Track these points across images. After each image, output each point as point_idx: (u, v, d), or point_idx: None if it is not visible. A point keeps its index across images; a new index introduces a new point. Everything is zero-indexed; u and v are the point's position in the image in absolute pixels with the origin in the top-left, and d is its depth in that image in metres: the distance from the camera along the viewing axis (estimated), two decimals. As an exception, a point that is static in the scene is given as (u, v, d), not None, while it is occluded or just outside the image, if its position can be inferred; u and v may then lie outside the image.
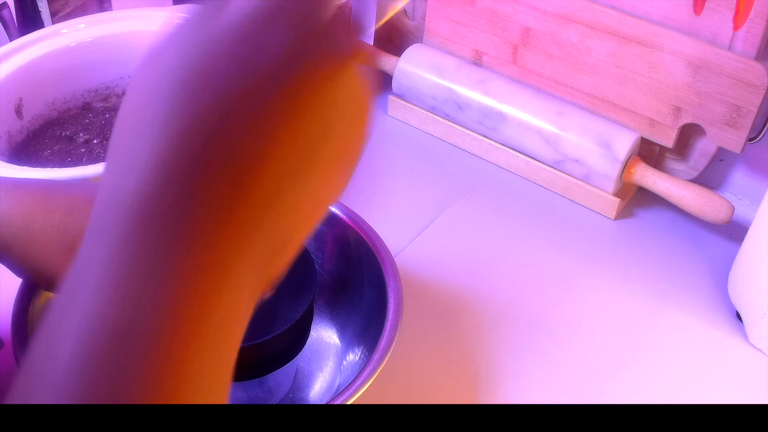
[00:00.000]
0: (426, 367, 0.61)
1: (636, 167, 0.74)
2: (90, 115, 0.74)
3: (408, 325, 0.62)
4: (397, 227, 0.73)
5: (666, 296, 0.69)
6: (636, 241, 0.74)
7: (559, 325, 0.66)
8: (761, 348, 0.65)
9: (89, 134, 0.72)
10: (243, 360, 0.50)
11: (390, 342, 0.51)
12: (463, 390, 0.60)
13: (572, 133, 0.75)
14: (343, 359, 0.58)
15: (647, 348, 0.64)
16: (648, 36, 0.71)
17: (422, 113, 0.84)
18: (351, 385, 0.48)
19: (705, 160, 0.75)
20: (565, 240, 0.74)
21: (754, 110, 0.69)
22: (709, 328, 0.66)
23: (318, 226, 0.62)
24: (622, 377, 0.62)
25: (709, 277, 0.71)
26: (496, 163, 0.81)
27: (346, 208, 0.60)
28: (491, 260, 0.71)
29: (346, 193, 0.84)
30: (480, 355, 0.63)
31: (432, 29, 0.85)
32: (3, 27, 0.79)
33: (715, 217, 0.71)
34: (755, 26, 0.67)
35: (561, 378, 0.62)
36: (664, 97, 0.73)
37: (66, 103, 0.74)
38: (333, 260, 0.61)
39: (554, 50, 0.77)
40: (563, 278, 0.70)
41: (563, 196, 0.78)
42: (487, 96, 0.79)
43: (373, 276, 0.56)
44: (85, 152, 0.70)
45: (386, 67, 0.87)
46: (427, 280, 0.68)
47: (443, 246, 0.72)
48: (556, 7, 0.75)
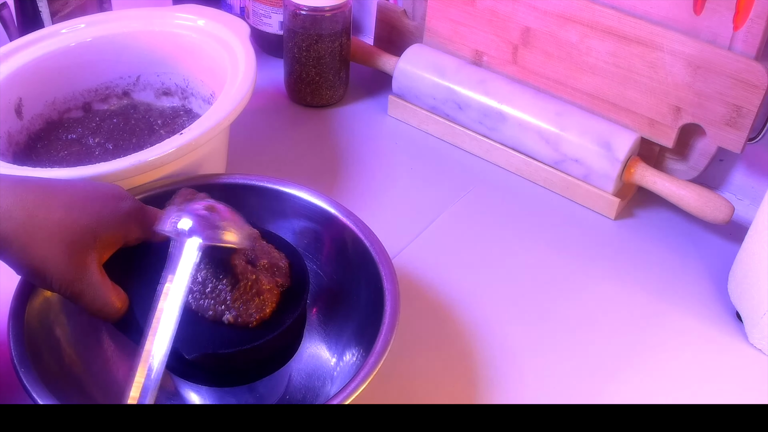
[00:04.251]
0: (424, 367, 0.61)
1: (636, 167, 0.74)
2: (97, 119, 0.74)
3: (407, 326, 0.62)
4: (397, 227, 0.73)
5: (666, 296, 0.69)
6: (636, 241, 0.74)
7: (559, 325, 0.66)
8: (761, 348, 0.65)
9: (99, 137, 0.72)
10: (234, 365, 0.50)
11: (386, 343, 0.50)
12: (461, 390, 0.60)
13: (572, 133, 0.75)
14: (339, 363, 0.58)
15: (647, 348, 0.64)
16: (648, 36, 0.71)
17: (422, 113, 0.84)
18: (347, 386, 0.47)
19: (705, 160, 0.75)
20: (565, 240, 0.74)
21: (754, 110, 0.69)
22: (709, 328, 0.66)
23: (315, 227, 0.61)
24: (622, 377, 0.62)
25: (709, 277, 0.71)
26: (496, 163, 0.81)
27: (343, 208, 0.59)
28: (491, 260, 0.71)
29: (345, 193, 0.84)
30: (478, 356, 0.63)
31: (432, 29, 0.85)
32: (3, 27, 0.79)
33: (715, 217, 0.71)
34: (755, 26, 0.67)
35: (560, 378, 0.62)
36: (664, 97, 0.73)
37: (66, 103, 0.74)
38: (330, 261, 0.61)
39: (554, 50, 0.77)
40: (563, 278, 0.70)
41: (563, 196, 0.78)
42: (487, 96, 0.79)
43: (370, 277, 0.55)
44: (100, 155, 0.70)
45: (386, 67, 0.87)
46: (426, 281, 0.68)
47: (443, 246, 0.72)
48: (556, 7, 0.75)
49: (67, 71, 0.73)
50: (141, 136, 0.73)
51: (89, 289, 0.48)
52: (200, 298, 0.50)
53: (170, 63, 0.76)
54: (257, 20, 0.92)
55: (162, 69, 0.77)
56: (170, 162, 0.60)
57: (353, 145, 0.83)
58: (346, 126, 0.86)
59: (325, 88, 0.86)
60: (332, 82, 0.86)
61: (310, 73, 0.85)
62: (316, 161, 0.80)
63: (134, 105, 0.77)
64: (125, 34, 0.75)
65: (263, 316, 0.50)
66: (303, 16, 0.82)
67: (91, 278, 0.48)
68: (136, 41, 0.75)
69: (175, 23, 0.76)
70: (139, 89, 0.78)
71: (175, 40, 0.76)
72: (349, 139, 0.84)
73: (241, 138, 0.80)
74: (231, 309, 0.50)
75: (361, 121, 0.87)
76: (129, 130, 0.74)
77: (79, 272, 0.48)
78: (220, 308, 0.50)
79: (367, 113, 0.88)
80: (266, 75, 0.90)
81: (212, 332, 0.49)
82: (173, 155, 0.60)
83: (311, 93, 0.87)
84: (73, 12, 0.82)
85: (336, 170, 0.79)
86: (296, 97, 0.88)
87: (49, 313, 0.54)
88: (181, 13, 0.76)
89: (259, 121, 0.85)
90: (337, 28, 0.83)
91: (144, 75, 0.77)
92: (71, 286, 0.48)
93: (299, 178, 0.63)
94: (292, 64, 0.85)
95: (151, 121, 0.75)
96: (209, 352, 0.48)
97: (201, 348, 0.48)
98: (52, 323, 0.54)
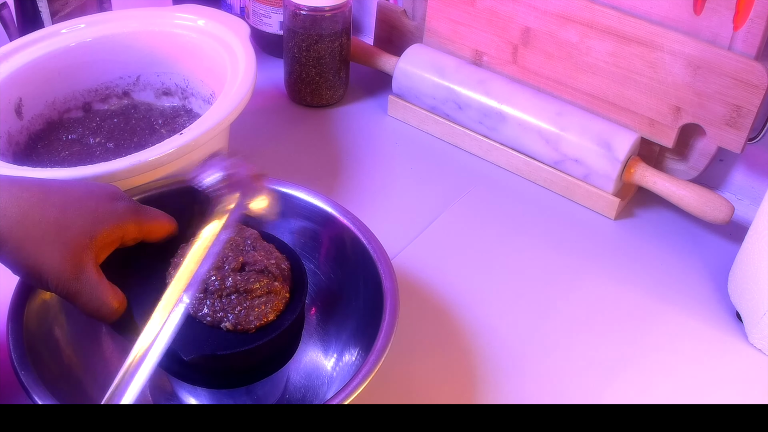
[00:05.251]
0: (423, 367, 0.61)
1: (636, 167, 0.74)
2: (97, 119, 0.74)
3: (406, 326, 0.62)
4: (397, 227, 0.73)
5: (666, 296, 0.69)
6: (636, 241, 0.74)
7: (559, 324, 0.66)
8: (761, 348, 0.65)
9: (100, 137, 0.72)
10: (231, 366, 0.50)
11: (386, 342, 0.50)
12: (461, 390, 0.60)
13: (572, 133, 0.75)
14: (338, 364, 0.58)
15: (647, 348, 0.64)
16: (648, 36, 0.71)
17: (422, 113, 0.84)
18: (347, 386, 0.47)
19: (705, 160, 0.75)
20: (565, 240, 0.74)
21: (754, 110, 0.69)
22: (709, 328, 0.66)
23: (314, 227, 0.61)
24: (622, 377, 0.62)
25: (709, 277, 0.71)
26: (496, 163, 0.81)
27: (341, 208, 0.59)
28: (491, 260, 0.71)
29: (345, 193, 0.84)
30: (478, 356, 0.63)
31: (432, 29, 0.85)
32: (3, 27, 0.79)
33: (715, 217, 0.71)
34: (755, 26, 0.67)
35: (560, 378, 0.62)
36: (664, 97, 0.73)
37: (66, 103, 0.74)
38: (329, 261, 0.60)
39: (554, 50, 0.77)
40: (563, 278, 0.70)
41: (563, 196, 0.78)
42: (487, 96, 0.79)
43: (370, 277, 0.55)
44: (100, 154, 0.70)
45: (386, 67, 0.87)
46: (426, 280, 0.68)
47: (443, 246, 0.72)
48: (556, 7, 0.75)
49: (67, 71, 0.73)
50: (142, 135, 0.73)
51: (86, 288, 0.48)
52: (199, 303, 0.50)
53: (170, 63, 0.76)
54: (257, 20, 0.92)
55: (162, 69, 0.77)
56: (170, 162, 0.60)
57: (353, 145, 0.83)
58: (346, 126, 0.86)
59: (325, 88, 0.86)
60: (332, 82, 0.86)
61: (310, 73, 0.85)
62: (316, 161, 0.80)
63: (134, 105, 0.77)
64: (125, 34, 0.75)
65: (264, 322, 0.50)
66: (303, 16, 0.82)
67: (87, 277, 0.48)
68: (136, 41, 0.75)
69: (175, 23, 0.76)
70: (139, 89, 0.78)
71: (175, 40, 0.76)
72: (349, 139, 0.84)
73: (241, 138, 0.80)
74: (229, 315, 0.50)
75: (361, 121, 0.87)
76: (130, 129, 0.74)
77: (74, 271, 0.48)
78: (218, 315, 0.50)
79: (367, 113, 0.88)
80: (266, 75, 0.90)
81: (210, 334, 0.49)
82: (173, 155, 0.60)
83: (311, 93, 0.87)
84: (73, 12, 0.82)
85: (336, 170, 0.79)
86: (296, 97, 0.88)
87: (49, 314, 0.54)
88: (181, 13, 0.76)
89: (259, 121, 0.85)
90: (337, 28, 0.83)
91: (144, 75, 0.77)
92: (67, 286, 0.48)
93: (299, 178, 0.63)
94: (292, 64, 0.85)
95: (151, 120, 0.75)
96: (207, 354, 0.48)
97: (199, 349, 0.48)
98: (51, 324, 0.54)
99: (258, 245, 0.53)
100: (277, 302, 0.51)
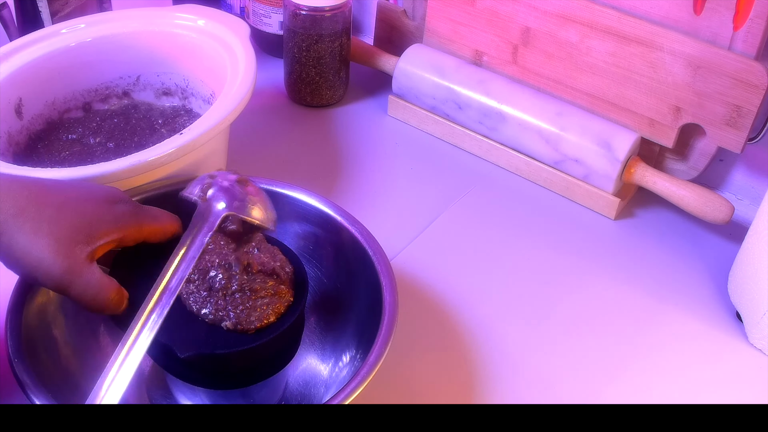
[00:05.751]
0: (423, 367, 0.61)
1: (636, 167, 0.74)
2: (97, 119, 0.74)
3: (406, 326, 0.62)
4: (397, 227, 0.73)
5: (666, 296, 0.69)
6: (636, 241, 0.74)
7: (559, 325, 0.66)
8: (761, 348, 0.65)
9: (100, 137, 0.72)
10: (229, 366, 0.50)
11: (386, 343, 0.50)
12: (461, 391, 0.60)
13: (572, 133, 0.75)
14: (337, 364, 0.58)
15: (647, 348, 0.64)
16: (648, 36, 0.71)
17: (422, 113, 0.84)
18: (347, 386, 0.47)
19: (705, 160, 0.75)
20: (565, 240, 0.74)
21: (754, 110, 0.69)
22: (709, 328, 0.66)
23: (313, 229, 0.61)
24: (622, 377, 0.62)
25: (709, 277, 0.71)
26: (496, 163, 0.81)
27: (341, 209, 0.59)
28: (490, 261, 0.71)
29: (345, 193, 0.84)
30: (477, 356, 0.63)
31: (432, 29, 0.85)
32: (3, 27, 0.79)
33: (715, 217, 0.71)
34: (755, 26, 0.67)
35: (560, 378, 0.62)
36: (664, 97, 0.73)
37: (66, 103, 0.74)
38: (328, 263, 0.60)
39: (554, 50, 0.77)
40: (563, 278, 0.70)
41: (563, 196, 0.78)
42: (487, 96, 0.79)
43: (369, 278, 0.55)
44: (101, 155, 0.70)
45: (386, 67, 0.87)
46: (426, 281, 0.68)
47: (443, 246, 0.72)
48: (556, 7, 0.75)
49: (67, 71, 0.73)
50: (142, 134, 0.73)
51: (79, 280, 0.48)
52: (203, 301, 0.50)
53: (170, 63, 0.76)
54: (257, 20, 0.92)
55: (162, 69, 0.77)
56: (170, 162, 0.60)
57: (353, 145, 0.83)
58: (346, 126, 0.86)
59: (325, 88, 0.86)
60: (332, 82, 0.86)
61: (310, 73, 0.85)
62: (315, 161, 0.80)
63: (135, 105, 0.77)
64: (125, 34, 0.75)
65: (265, 323, 0.50)
66: (303, 16, 0.82)
67: (79, 270, 0.48)
68: (136, 41, 0.75)
69: (175, 23, 0.76)
70: (139, 89, 0.78)
71: (175, 40, 0.76)
72: (349, 139, 0.84)
73: (241, 138, 0.80)
74: (231, 314, 0.50)
75: (361, 121, 0.87)
76: (130, 129, 0.74)
77: (65, 264, 0.47)
78: (220, 314, 0.50)
79: (367, 113, 0.88)
80: (266, 75, 0.90)
81: (210, 333, 0.49)
82: (173, 155, 0.60)
83: (311, 93, 0.87)
84: (73, 12, 0.82)
85: (336, 170, 0.79)
86: (296, 97, 0.88)
87: (47, 313, 0.54)
88: (181, 13, 0.76)
89: (259, 121, 0.85)
90: (337, 28, 0.83)
91: (144, 75, 0.77)
92: (60, 279, 0.47)
93: (299, 178, 0.63)
94: (292, 64, 0.85)
95: (151, 120, 0.75)
96: (206, 353, 0.48)
97: (196, 348, 0.48)
98: (49, 323, 0.54)
99: (263, 247, 0.53)
100: (279, 304, 0.51)
